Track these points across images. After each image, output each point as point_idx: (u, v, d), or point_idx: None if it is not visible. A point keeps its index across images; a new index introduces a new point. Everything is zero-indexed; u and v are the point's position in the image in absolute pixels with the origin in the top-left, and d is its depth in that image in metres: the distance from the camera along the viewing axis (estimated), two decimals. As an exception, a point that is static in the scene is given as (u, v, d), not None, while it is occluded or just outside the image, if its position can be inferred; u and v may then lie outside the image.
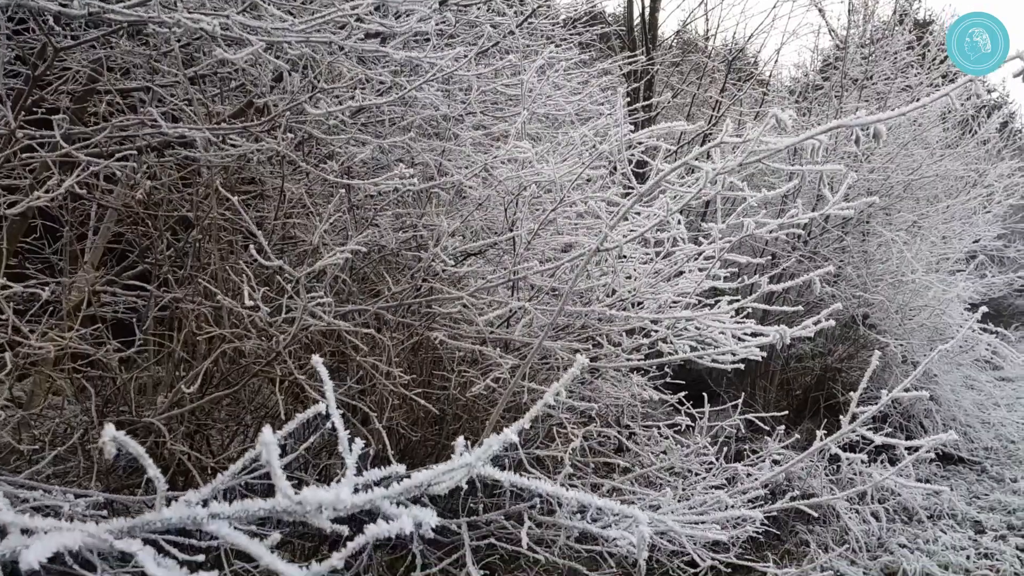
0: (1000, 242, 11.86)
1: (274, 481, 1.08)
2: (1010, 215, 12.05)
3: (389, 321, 3.08)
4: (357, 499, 1.18)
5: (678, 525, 2.40)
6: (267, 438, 1.02)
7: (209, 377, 3.09)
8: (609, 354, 3.34)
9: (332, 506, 1.16)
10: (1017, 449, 7.95)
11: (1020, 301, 15.29)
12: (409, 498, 2.72)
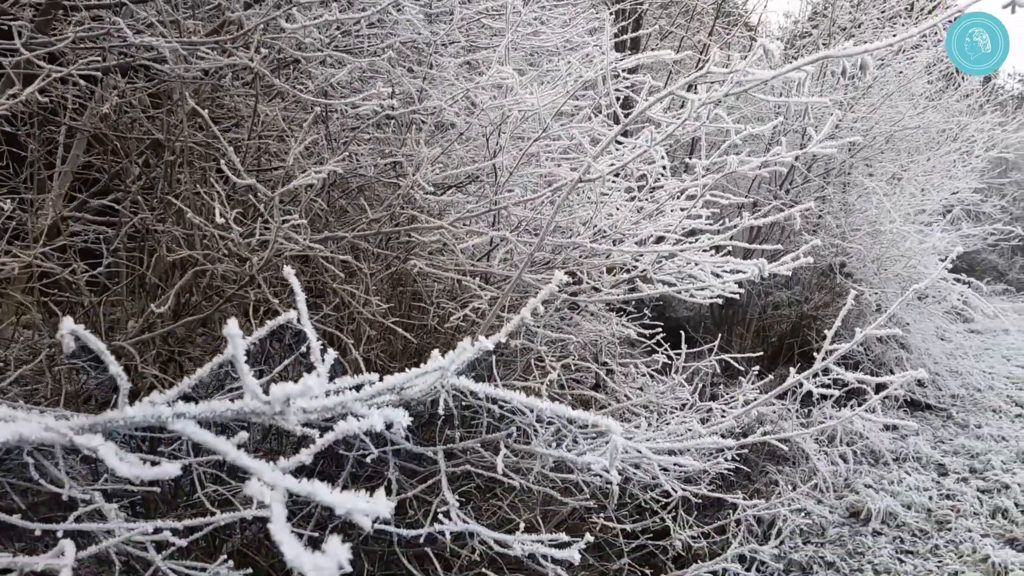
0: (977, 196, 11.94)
1: (240, 378, 1.05)
2: (989, 170, 12.09)
3: (367, 251, 3.04)
4: (328, 400, 1.16)
5: (651, 453, 2.41)
6: (232, 331, 0.99)
7: (182, 303, 3.04)
8: (588, 290, 3.33)
9: (302, 406, 1.14)
10: (983, 397, 8.12)
11: (993, 256, 15.48)
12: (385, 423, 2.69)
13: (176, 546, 1.92)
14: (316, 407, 1.13)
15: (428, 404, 3.23)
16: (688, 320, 8.80)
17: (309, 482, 0.92)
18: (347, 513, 0.87)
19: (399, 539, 3.14)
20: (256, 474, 0.96)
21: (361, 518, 0.87)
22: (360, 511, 0.87)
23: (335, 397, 1.15)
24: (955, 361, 8.56)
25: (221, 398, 2.08)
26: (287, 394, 1.00)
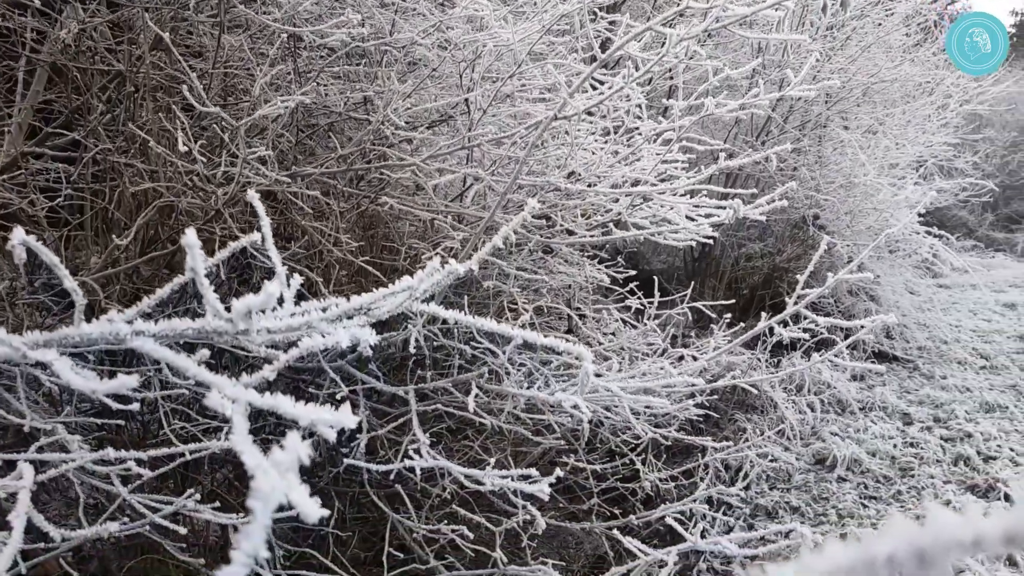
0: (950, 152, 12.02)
1: (200, 292, 1.01)
2: (963, 126, 12.16)
3: (337, 189, 2.97)
4: (293, 320, 1.12)
5: (623, 392, 2.41)
6: (190, 240, 0.94)
7: (147, 240, 2.97)
8: (562, 233, 3.30)
9: (266, 326, 1.10)
10: (949, 349, 8.27)
11: (963, 213, 15.65)
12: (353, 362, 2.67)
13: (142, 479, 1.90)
14: (281, 327, 1.10)
15: (399, 346, 3.21)
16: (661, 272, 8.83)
17: (272, 396, 0.89)
18: (311, 425, 0.85)
19: (370, 479, 3.14)
20: (218, 388, 0.93)
21: (325, 430, 0.85)
22: (324, 422, 0.84)
23: (300, 317, 1.11)
24: (923, 314, 8.69)
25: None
26: (248, 306, 0.97)
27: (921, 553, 0.27)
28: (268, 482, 0.56)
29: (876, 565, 0.28)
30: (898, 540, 0.28)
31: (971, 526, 0.27)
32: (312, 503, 0.69)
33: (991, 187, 9.65)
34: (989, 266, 13.20)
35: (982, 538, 0.26)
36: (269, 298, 0.89)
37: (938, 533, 0.27)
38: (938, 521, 0.27)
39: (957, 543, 0.27)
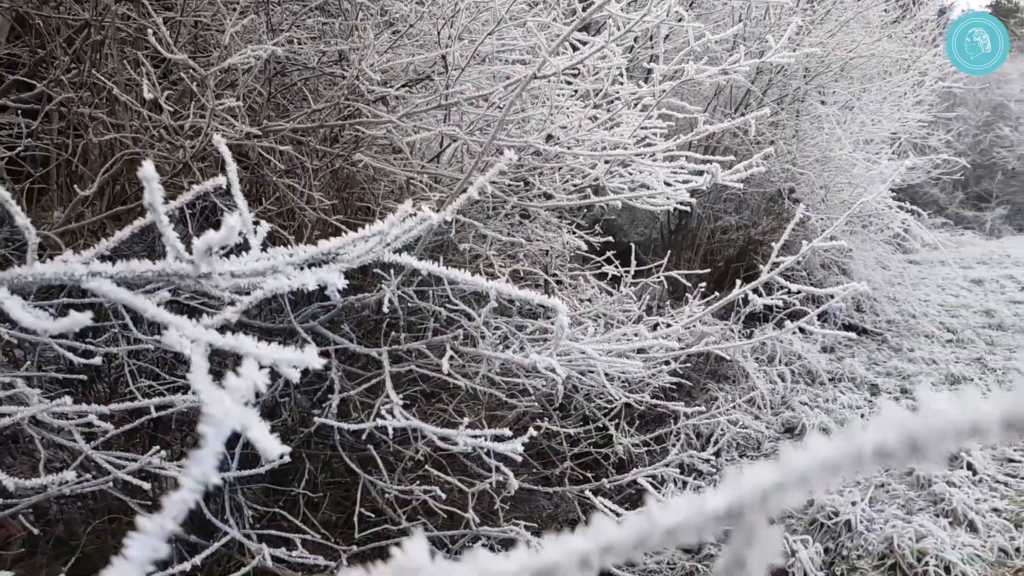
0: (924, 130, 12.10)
1: (160, 231, 0.97)
2: (937, 104, 12.23)
3: (310, 146, 2.91)
4: (259, 263, 1.08)
5: (598, 354, 2.40)
6: (148, 173, 0.90)
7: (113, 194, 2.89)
8: (540, 196, 3.27)
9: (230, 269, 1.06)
10: (917, 323, 8.38)
11: (935, 191, 15.80)
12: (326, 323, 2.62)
13: (107, 435, 1.86)
14: (245, 270, 1.06)
15: (373, 309, 3.17)
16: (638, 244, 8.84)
17: (233, 336, 0.86)
18: (274, 363, 0.82)
19: (343, 443, 3.12)
20: (177, 328, 0.90)
21: (288, 370, 0.82)
22: (287, 361, 0.81)
23: (266, 261, 1.08)
24: (893, 288, 8.79)
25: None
26: (208, 243, 0.93)
27: (913, 441, 0.25)
28: (220, 407, 0.53)
29: (864, 458, 0.26)
30: (887, 429, 0.26)
31: (967, 412, 0.24)
32: (272, 439, 0.66)
33: (963, 164, 9.73)
34: (958, 243, 13.38)
35: (979, 424, 0.24)
36: (230, 231, 0.85)
37: (931, 420, 0.25)
38: (932, 408, 0.25)
39: (953, 430, 0.25)
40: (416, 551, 0.38)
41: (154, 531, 0.46)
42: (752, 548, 0.29)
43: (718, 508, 0.30)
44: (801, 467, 0.28)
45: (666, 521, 0.31)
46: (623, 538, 0.32)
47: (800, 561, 4.11)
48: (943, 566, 3.87)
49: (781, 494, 0.28)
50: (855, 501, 4.58)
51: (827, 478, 0.27)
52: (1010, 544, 4.07)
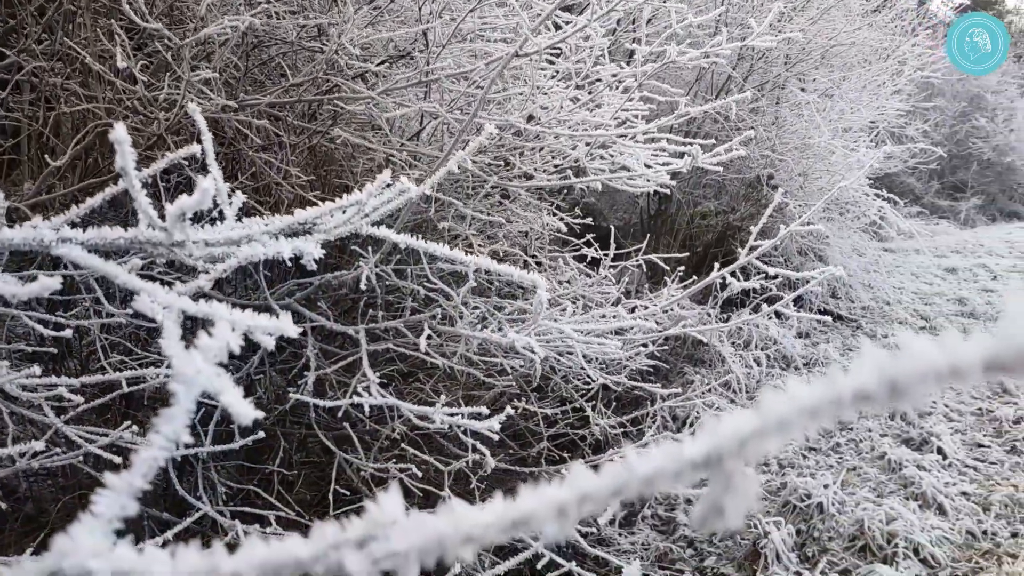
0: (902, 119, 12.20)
1: (133, 196, 0.95)
2: (915, 94, 12.33)
3: (287, 121, 2.87)
4: (233, 232, 1.07)
5: (576, 334, 2.41)
6: (119, 135, 0.88)
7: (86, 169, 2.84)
8: (520, 176, 3.25)
9: (204, 238, 1.05)
10: (891, 310, 8.49)
11: (911, 180, 15.95)
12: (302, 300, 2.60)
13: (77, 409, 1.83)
14: (219, 238, 1.05)
15: (351, 287, 3.15)
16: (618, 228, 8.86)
17: (207, 303, 0.85)
18: (248, 331, 0.81)
19: (318, 421, 3.10)
20: (149, 295, 0.88)
21: (263, 337, 0.81)
22: (262, 328, 0.80)
23: (241, 230, 1.06)
24: (868, 275, 8.89)
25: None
26: (182, 208, 0.91)
27: (893, 384, 0.24)
28: (191, 366, 0.52)
29: (844, 402, 0.26)
30: (867, 373, 0.25)
31: (947, 354, 0.24)
32: (246, 404, 0.65)
33: (940, 153, 9.82)
34: (933, 232, 13.54)
35: (959, 366, 0.24)
36: (204, 195, 0.84)
37: (911, 363, 0.25)
38: (912, 350, 0.24)
39: (933, 372, 0.24)
40: (391, 505, 0.37)
41: (123, 488, 0.45)
42: (729, 494, 0.29)
43: (696, 455, 0.29)
44: (781, 412, 0.27)
45: (644, 469, 0.30)
46: (600, 486, 0.31)
47: (772, 542, 4.16)
48: (912, 548, 3.94)
49: (760, 440, 0.28)
50: (827, 484, 4.64)
51: (807, 423, 0.27)
52: (978, 527, 4.15)
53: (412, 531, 0.36)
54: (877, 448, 5.17)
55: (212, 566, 0.38)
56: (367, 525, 0.37)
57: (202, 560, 0.39)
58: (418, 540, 0.35)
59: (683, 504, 4.84)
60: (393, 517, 0.37)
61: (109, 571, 0.39)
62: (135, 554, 0.39)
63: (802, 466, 5.05)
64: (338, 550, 0.37)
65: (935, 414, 5.72)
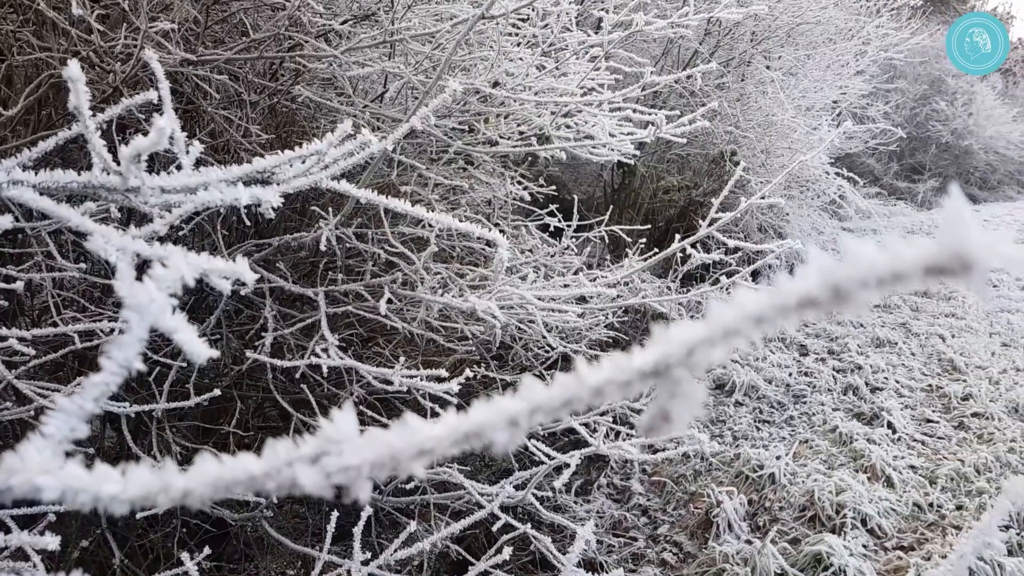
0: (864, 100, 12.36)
1: (86, 136, 0.93)
2: (878, 75, 12.49)
3: (248, 79, 2.81)
4: (190, 178, 1.05)
5: (536, 300, 2.42)
6: (73, 72, 0.85)
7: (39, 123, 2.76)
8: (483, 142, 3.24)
9: (160, 184, 1.03)
10: (847, 289, 8.65)
11: (871, 161, 16.19)
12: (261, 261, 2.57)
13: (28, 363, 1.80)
14: (175, 184, 1.03)
15: (311, 249, 3.12)
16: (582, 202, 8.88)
17: (162, 245, 0.83)
18: (204, 274, 0.79)
19: (276, 385, 3.08)
20: (103, 237, 0.87)
21: (219, 281, 0.80)
22: (218, 271, 0.79)
23: (198, 176, 1.04)
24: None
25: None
26: (137, 150, 0.89)
27: (837, 289, 0.25)
28: (144, 293, 0.52)
29: (789, 308, 0.26)
30: (811, 278, 0.26)
31: (890, 259, 0.25)
32: (200, 343, 0.65)
33: (901, 134, 9.98)
34: (891, 213, 13.80)
35: (901, 270, 0.24)
36: (160, 135, 0.82)
37: (855, 268, 0.25)
38: (855, 256, 0.25)
39: (876, 276, 0.25)
40: (344, 423, 0.38)
41: (73, 411, 0.44)
42: (676, 401, 0.29)
43: (645, 364, 0.30)
44: (728, 321, 0.28)
45: (593, 379, 0.31)
46: (552, 397, 0.32)
47: (724, 511, 4.25)
48: (860, 519, 4.06)
49: (707, 348, 0.29)
50: (780, 456, 4.75)
51: (754, 330, 0.28)
52: (924, 499, 4.28)
53: (365, 446, 0.36)
54: (829, 422, 5.30)
55: (164, 484, 0.38)
56: (320, 441, 0.37)
57: (154, 478, 0.39)
58: (371, 454, 0.36)
59: (638, 474, 4.92)
60: (347, 436, 0.37)
61: (58, 489, 0.38)
62: (85, 472, 0.39)
63: (755, 438, 5.16)
64: (291, 466, 0.37)
65: (886, 390, 5.88)
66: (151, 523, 2.77)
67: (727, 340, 0.28)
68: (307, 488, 0.36)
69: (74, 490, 0.39)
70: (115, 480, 0.39)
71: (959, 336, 7.24)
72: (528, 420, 0.32)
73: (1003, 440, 4.96)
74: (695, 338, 0.29)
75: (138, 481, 0.39)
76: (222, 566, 2.99)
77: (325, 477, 0.36)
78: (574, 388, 0.31)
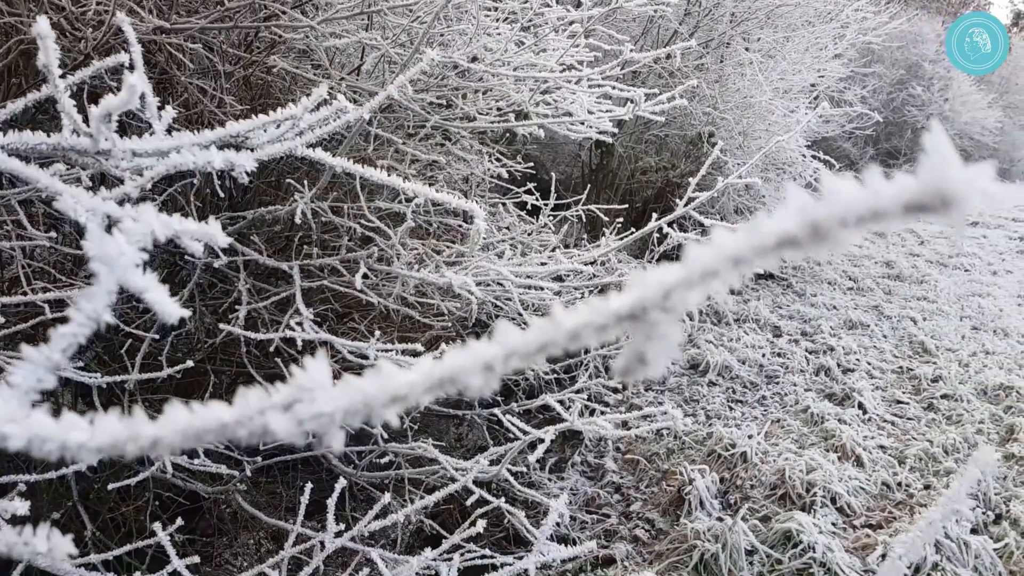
0: (841, 84, 12.44)
1: (56, 98, 0.91)
2: (856, 59, 12.55)
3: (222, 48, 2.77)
4: (162, 142, 1.03)
5: (513, 276, 2.42)
6: (42, 29, 0.83)
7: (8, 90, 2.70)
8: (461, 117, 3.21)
9: (131, 147, 1.01)
10: (821, 270, 8.75)
11: (847, 145, 16.31)
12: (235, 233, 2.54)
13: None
14: (147, 147, 1.01)
15: (285, 223, 3.09)
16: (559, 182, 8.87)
17: (134, 206, 0.82)
18: (175, 235, 0.78)
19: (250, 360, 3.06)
20: (73, 198, 0.85)
21: (190, 242, 0.78)
22: (189, 233, 0.78)
23: (170, 140, 1.02)
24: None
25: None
26: (108, 109, 0.87)
27: (815, 227, 0.25)
28: (113, 246, 0.51)
29: (768, 247, 0.26)
30: (790, 217, 0.26)
31: (870, 196, 0.25)
32: (171, 302, 0.64)
33: (877, 119, 10.06)
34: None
35: (881, 208, 0.24)
36: (131, 93, 0.80)
37: (834, 205, 0.25)
38: (834, 192, 0.25)
39: (855, 214, 0.25)
40: (317, 370, 0.37)
41: (40, 361, 0.43)
42: (652, 343, 0.29)
43: (621, 307, 0.30)
44: (706, 262, 0.28)
45: (570, 323, 0.31)
46: (527, 342, 0.31)
47: (696, 489, 4.29)
48: (829, 497, 4.12)
49: (685, 290, 0.28)
50: (752, 435, 4.81)
51: (733, 271, 0.28)
52: (893, 479, 4.35)
53: (338, 393, 0.36)
54: (801, 402, 5.36)
55: (133, 432, 0.38)
56: (292, 389, 0.37)
57: (122, 426, 0.38)
58: (344, 401, 0.35)
59: (612, 452, 4.96)
60: (320, 384, 0.37)
61: (24, 437, 0.38)
62: (51, 421, 0.38)
63: (728, 417, 5.21)
64: (263, 414, 0.37)
65: (858, 371, 5.96)
66: (123, 496, 2.75)
67: (705, 282, 0.27)
68: (279, 435, 0.36)
69: (40, 438, 0.38)
70: (82, 428, 0.38)
71: (930, 319, 7.34)
72: (503, 365, 0.32)
73: (971, 422, 5.05)
74: (672, 280, 0.28)
75: (106, 429, 0.38)
76: (195, 539, 2.97)
77: (297, 424, 0.36)
78: (550, 332, 0.31)
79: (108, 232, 0.78)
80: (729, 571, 3.58)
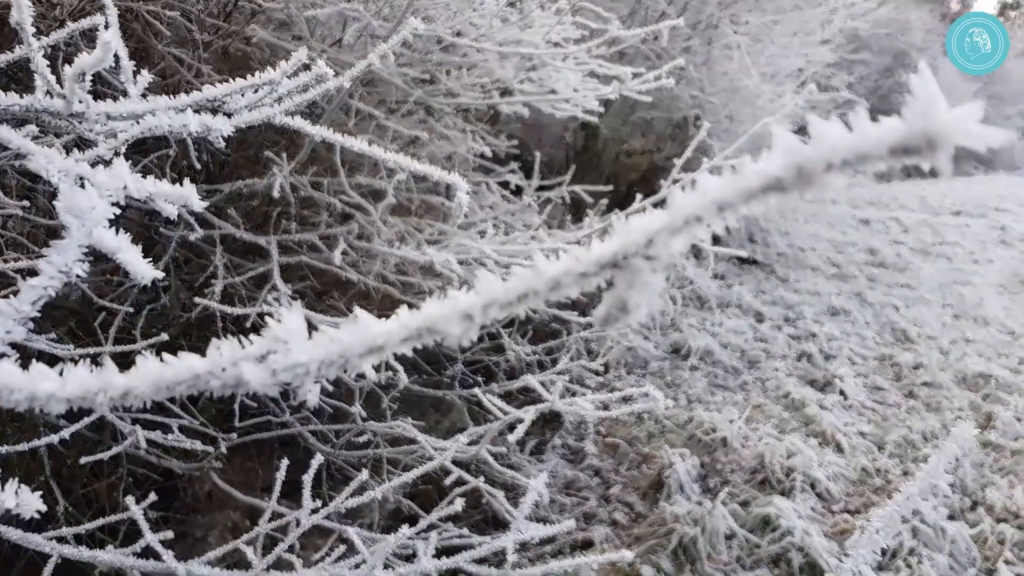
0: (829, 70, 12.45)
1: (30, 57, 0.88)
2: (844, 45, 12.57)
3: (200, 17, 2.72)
4: (137, 105, 1.01)
5: (495, 254, 2.41)
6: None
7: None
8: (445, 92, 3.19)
9: (105, 110, 0.99)
10: (805, 257, 8.80)
11: (830, 133, 16.36)
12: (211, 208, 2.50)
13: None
14: (121, 111, 0.99)
15: (263, 198, 3.06)
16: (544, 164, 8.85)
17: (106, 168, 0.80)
18: (150, 198, 0.77)
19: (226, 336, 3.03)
20: (46, 159, 0.83)
21: (164, 205, 0.77)
22: (163, 195, 0.76)
23: (145, 103, 1.00)
24: (785, 223, 9.16)
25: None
26: (81, 68, 0.85)
27: (801, 170, 0.24)
28: (85, 199, 0.49)
29: (754, 191, 0.25)
30: (775, 160, 0.25)
31: (855, 138, 0.24)
32: (145, 264, 0.62)
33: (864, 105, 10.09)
34: (850, 184, 14.01)
35: (867, 150, 0.24)
36: (105, 50, 0.78)
37: (819, 148, 0.24)
38: (820, 134, 0.24)
39: (840, 156, 0.24)
40: (292, 321, 0.36)
41: (9, 313, 0.42)
42: (634, 290, 0.29)
43: (603, 255, 0.29)
44: (691, 207, 0.27)
45: (551, 271, 0.30)
46: (508, 290, 0.31)
47: (676, 472, 4.31)
48: (809, 482, 4.14)
49: (669, 236, 0.28)
50: (732, 419, 4.83)
51: (718, 216, 0.27)
52: (872, 464, 4.39)
53: (314, 343, 0.35)
54: (782, 387, 5.40)
55: (104, 382, 0.37)
56: (267, 340, 0.36)
57: (93, 377, 0.37)
58: (320, 351, 0.34)
59: (592, 435, 4.98)
60: (296, 334, 0.36)
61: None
62: (20, 371, 0.37)
63: (709, 402, 5.24)
64: (236, 365, 0.36)
65: (840, 357, 6.00)
66: (96, 473, 2.72)
67: (689, 228, 0.27)
68: (253, 386, 0.35)
69: (9, 388, 0.37)
70: (52, 378, 0.37)
71: (912, 307, 7.40)
72: (482, 314, 0.31)
73: (951, 409, 5.11)
74: (655, 226, 0.28)
75: (76, 380, 0.37)
76: (169, 517, 2.96)
77: (272, 375, 0.35)
78: (531, 280, 0.30)
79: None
80: (708, 555, 3.61)
